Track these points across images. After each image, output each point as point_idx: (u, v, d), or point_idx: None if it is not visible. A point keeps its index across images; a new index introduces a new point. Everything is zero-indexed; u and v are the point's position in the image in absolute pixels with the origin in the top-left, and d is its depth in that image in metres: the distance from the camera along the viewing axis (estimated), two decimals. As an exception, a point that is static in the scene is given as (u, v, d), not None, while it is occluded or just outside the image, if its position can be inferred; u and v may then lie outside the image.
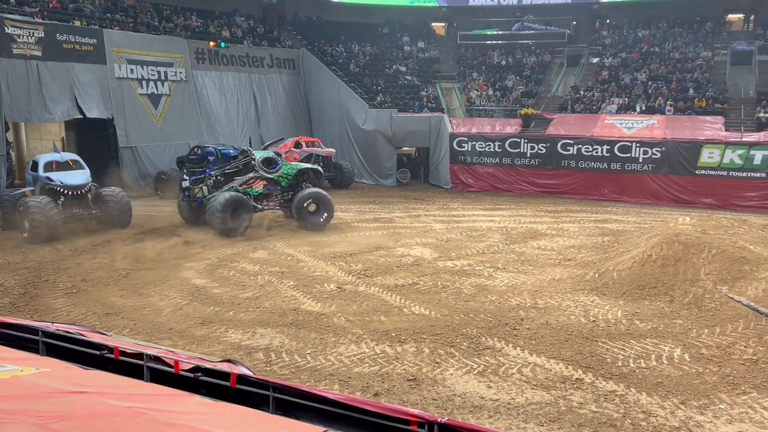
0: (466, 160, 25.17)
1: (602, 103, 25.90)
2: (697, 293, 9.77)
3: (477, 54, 32.77)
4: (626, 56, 29.09)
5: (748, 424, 6.15)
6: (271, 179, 16.35)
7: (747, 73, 26.28)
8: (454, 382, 7.08)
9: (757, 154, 20.35)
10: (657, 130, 22.78)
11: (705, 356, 7.79)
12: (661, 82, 26.50)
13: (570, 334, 8.55)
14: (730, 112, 23.83)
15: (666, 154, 21.63)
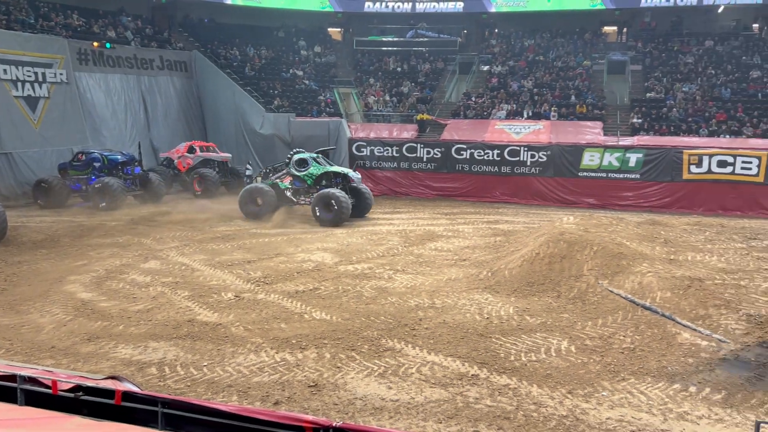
0: (365, 165, 25.38)
1: (492, 110, 27.00)
2: (581, 288, 10.39)
3: (373, 60, 33.17)
4: (514, 64, 30.51)
5: (627, 408, 6.62)
6: (297, 177, 18.68)
7: (622, 81, 28.36)
8: (356, 385, 7.11)
9: (632, 157, 21.97)
10: (543, 134, 24.04)
11: (589, 347, 8.30)
12: (545, 89, 28.02)
13: (466, 332, 8.83)
14: (608, 118, 25.59)
15: (551, 157, 22.86)
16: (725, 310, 8.63)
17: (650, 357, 7.88)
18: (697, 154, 21.34)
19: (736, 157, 21.07)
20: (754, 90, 25.82)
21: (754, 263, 11.05)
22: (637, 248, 11.47)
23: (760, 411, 6.63)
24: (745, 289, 9.31)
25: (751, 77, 26.54)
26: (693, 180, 21.39)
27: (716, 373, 7.36)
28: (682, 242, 12.66)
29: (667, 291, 9.41)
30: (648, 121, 24.66)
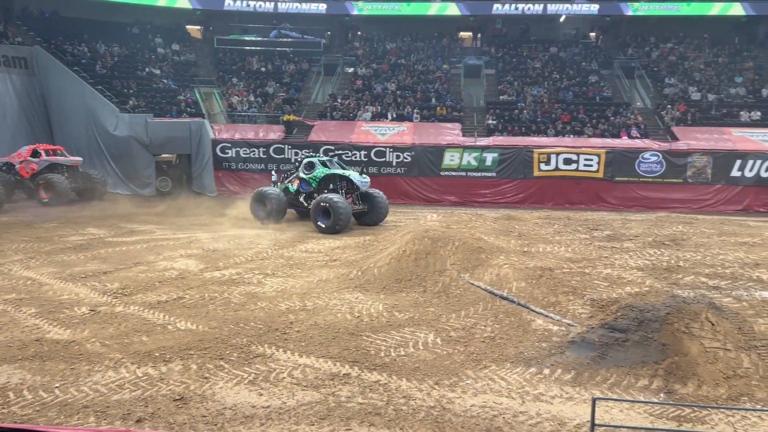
0: (231, 167, 24.75)
1: (358, 111, 27.39)
2: (445, 282, 10.83)
3: (236, 59, 32.39)
4: (377, 67, 31.16)
5: (489, 395, 7.01)
6: (304, 180, 18.47)
7: (477, 84, 29.96)
8: (225, 395, 6.91)
9: (488, 156, 23.29)
10: (407, 136, 24.80)
11: (453, 338, 8.68)
12: (408, 91, 28.90)
13: (337, 332, 8.89)
14: (466, 119, 26.92)
15: (415, 157, 23.65)
16: (572, 296, 9.40)
17: (509, 344, 8.39)
18: (545, 152, 23.05)
19: (579, 155, 23.02)
20: (593, 93, 28.35)
21: (596, 252, 12.14)
22: (494, 242, 12.17)
23: (604, 387, 7.30)
24: (589, 276, 10.20)
25: (590, 81, 29.11)
26: (543, 177, 23.09)
27: (566, 355, 7.99)
28: (534, 235, 13.62)
29: (521, 281, 10.07)
30: (502, 122, 26.24)
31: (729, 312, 8.37)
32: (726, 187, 22.95)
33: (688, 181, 23.01)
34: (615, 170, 23.01)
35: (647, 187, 22.98)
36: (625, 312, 8.48)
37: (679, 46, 31.89)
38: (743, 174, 22.81)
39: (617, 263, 11.06)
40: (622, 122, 25.95)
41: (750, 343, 7.87)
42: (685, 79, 29.22)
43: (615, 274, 10.20)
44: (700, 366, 7.46)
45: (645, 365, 7.60)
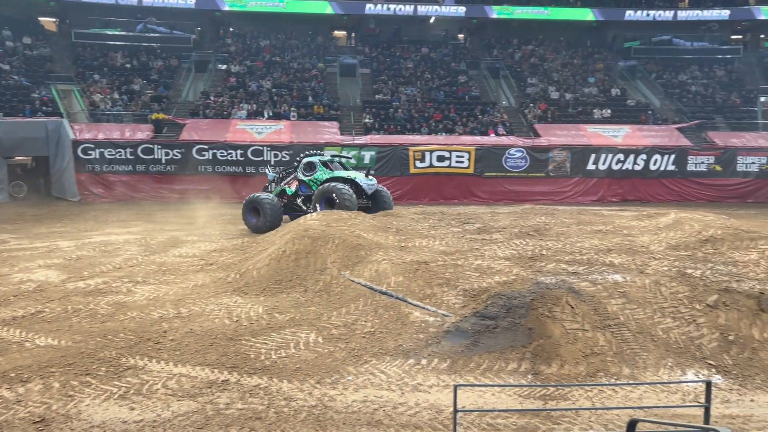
0: (95, 169, 23.24)
1: (232, 109, 26.71)
2: (326, 280, 10.87)
3: (97, 54, 30.40)
4: (251, 64, 30.54)
5: (370, 389, 7.13)
6: (303, 182, 17.14)
7: (353, 83, 30.24)
8: (92, 412, 6.49)
9: (366, 154, 23.63)
10: (284, 134, 24.55)
11: (335, 336, 8.73)
12: (284, 89, 28.60)
13: (215, 338, 8.64)
14: (343, 118, 27.11)
15: (294, 156, 23.47)
16: (447, 288, 9.78)
17: (388, 338, 8.58)
18: (420, 150, 23.77)
19: (451, 152, 23.97)
20: (462, 93, 29.58)
21: (467, 244, 12.69)
22: (373, 239, 12.37)
23: (477, 372, 7.68)
24: (461, 267, 10.65)
25: (459, 81, 30.36)
26: (418, 174, 23.80)
27: (442, 344, 8.31)
28: (411, 230, 13.99)
29: (399, 275, 10.33)
30: (378, 121, 26.70)
31: (586, 295, 9.08)
32: (583, 180, 24.89)
33: (550, 174, 24.69)
34: (484, 166, 24.18)
35: (513, 182, 24.39)
36: (495, 300, 8.96)
37: (539, 48, 34.08)
38: (597, 167, 24.84)
39: (487, 254, 11.64)
40: (490, 120, 27.31)
41: (604, 323, 8.61)
42: (545, 79, 31.29)
43: (485, 264, 10.73)
44: (563, 347, 8.05)
45: (514, 349, 8.08)
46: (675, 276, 9.88)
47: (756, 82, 31.69)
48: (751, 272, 10.20)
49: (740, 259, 10.96)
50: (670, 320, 8.81)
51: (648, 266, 10.58)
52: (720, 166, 25.01)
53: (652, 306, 9.02)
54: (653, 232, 13.47)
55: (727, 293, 9.10)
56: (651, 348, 8.28)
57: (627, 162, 24.77)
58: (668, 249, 12.01)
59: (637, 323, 8.70)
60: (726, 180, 25.10)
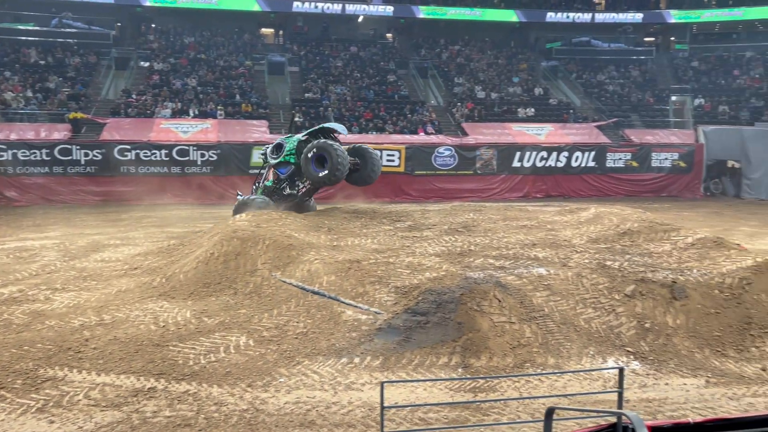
0: (8, 171, 22.01)
1: (156, 108, 25.89)
2: (257, 282, 10.71)
3: (8, 50, 28.75)
4: (175, 62, 29.68)
5: (302, 390, 7.10)
6: (280, 164, 14.92)
7: (282, 81, 29.92)
8: (8, 428, 6.16)
9: (296, 153, 23.40)
10: (211, 133, 24.01)
11: (266, 338, 8.63)
12: (210, 87, 27.95)
13: (140, 345, 8.36)
14: (272, 117, 26.78)
15: (222, 156, 23.01)
16: (379, 285, 9.84)
17: (321, 338, 8.56)
18: (351, 148, 23.77)
19: (382, 151, 24.09)
20: (391, 92, 29.80)
21: (399, 242, 12.81)
22: (305, 238, 12.29)
23: (409, 368, 7.78)
24: (393, 265, 10.74)
25: (389, 80, 30.58)
26: (349, 172, 23.78)
27: (375, 342, 8.37)
28: (343, 229, 13.98)
29: (332, 275, 10.31)
30: (308, 120, 26.54)
31: (513, 288, 9.36)
32: (509, 177, 25.59)
33: (478, 172, 25.25)
34: (414, 164, 24.47)
35: (443, 179, 24.80)
36: (426, 296, 9.09)
37: (465, 49, 34.76)
38: (522, 164, 25.60)
39: (418, 251, 11.79)
40: (419, 119, 27.65)
41: (530, 315, 8.90)
42: (471, 79, 31.95)
43: (416, 261, 10.86)
44: (491, 340, 8.27)
45: (444, 344, 8.23)
46: (595, 268, 10.32)
47: (667, 81, 33.48)
48: (664, 262, 10.79)
49: (655, 251, 11.57)
50: (592, 310, 9.20)
51: (570, 259, 11.00)
52: (636, 162, 26.28)
53: (574, 297, 9.39)
54: (575, 226, 14.01)
55: (643, 283, 9.59)
56: (574, 338, 8.62)
57: (550, 159, 25.64)
58: (589, 242, 12.53)
59: (560, 314, 9.04)
60: (642, 175, 26.40)
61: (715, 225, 18.24)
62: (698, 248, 11.42)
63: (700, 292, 9.32)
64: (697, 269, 10.17)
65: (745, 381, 7.79)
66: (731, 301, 9.23)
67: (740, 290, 9.35)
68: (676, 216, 19.21)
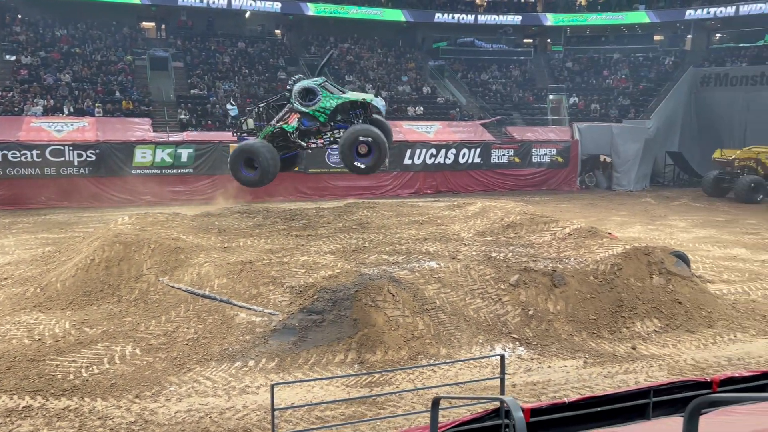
0: None
1: (25, 105, 23.97)
2: (143, 288, 10.23)
3: None
4: (46, 55, 27.62)
5: (194, 397, 6.87)
6: (305, 113, 13.07)
7: (166, 77, 28.65)
8: None
9: (183, 152, 22.56)
10: (89, 132, 22.57)
11: (155, 346, 8.27)
12: (86, 83, 26.26)
13: (13, 361, 7.74)
14: (156, 114, 25.58)
15: (101, 156, 21.70)
16: (273, 286, 9.71)
17: (213, 342, 8.33)
18: (241, 147, 23.20)
19: (273, 149, 23.69)
20: (281, 89, 29.42)
21: (293, 241, 12.70)
22: (194, 241, 11.89)
23: (305, 368, 7.75)
24: (287, 264, 10.64)
25: (279, 77, 30.17)
26: (240, 171, 23.22)
27: (270, 343, 8.26)
28: (235, 230, 13.65)
29: (223, 277, 10.05)
30: (195, 117, 25.63)
31: (406, 283, 9.57)
32: (401, 174, 26.05)
33: (371, 169, 25.53)
34: (308, 162, 24.27)
35: (337, 177, 24.81)
36: (321, 294, 9.09)
37: (355, 47, 34.95)
38: (413, 161, 26.15)
39: (312, 250, 11.76)
40: (311, 116, 27.49)
41: (423, 308, 9.14)
42: (361, 77, 32.18)
43: (311, 260, 10.83)
44: (386, 334, 8.41)
45: (341, 341, 8.28)
46: (482, 260, 10.77)
47: (545, 81, 35.43)
48: (545, 252, 11.45)
49: (536, 241, 12.26)
50: (480, 300, 9.60)
51: (459, 252, 11.41)
52: (518, 157, 27.63)
53: (463, 288, 9.75)
54: (463, 220, 14.54)
55: (527, 272, 10.13)
56: (464, 327, 8.96)
57: (439, 156, 26.38)
58: (476, 235, 13.06)
59: (451, 305, 9.36)
60: (523, 170, 27.79)
61: (589, 216, 19.59)
62: (575, 238, 12.23)
63: (577, 278, 9.98)
64: (574, 257, 10.88)
65: (617, 360, 8.45)
66: (605, 286, 9.96)
67: (612, 276, 10.11)
68: (555, 208, 20.43)
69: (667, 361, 8.39)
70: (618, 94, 32.92)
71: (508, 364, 8.24)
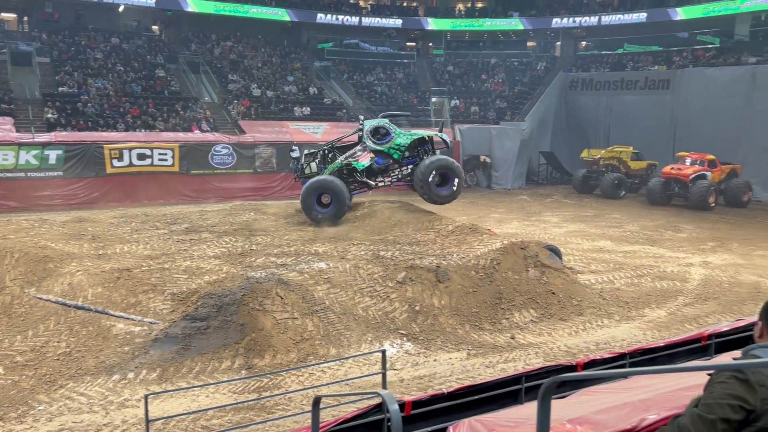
0: None
1: None
2: (6, 301, 9.41)
3: None
4: None
5: (67, 415, 6.43)
6: (380, 151, 14.27)
7: (29, 74, 26.52)
8: None
9: (51, 154, 20.99)
10: (-62, 132, 20.43)
11: (20, 363, 7.64)
12: (-65, 78, 23.75)
13: None
14: (19, 113, 23.63)
15: (-47, 158, 19.71)
16: (153, 294, 9.29)
17: (88, 356, 7.83)
18: (117, 148, 21.98)
19: (153, 150, 22.68)
20: (160, 87, 28.18)
21: (175, 246, 12.20)
22: (64, 248, 11.11)
23: (190, 377, 7.48)
24: (169, 271, 10.21)
25: (157, 75, 28.87)
26: (117, 174, 22.00)
27: (150, 354, 7.89)
28: (110, 236, 12.90)
29: (98, 286, 9.47)
30: (64, 116, 23.94)
31: (294, 284, 9.49)
32: (289, 175, 25.76)
33: (257, 170, 25.02)
34: (190, 163, 23.41)
35: (221, 178, 24.11)
36: (205, 300, 8.82)
37: (239, 45, 34.14)
38: (301, 162, 26.00)
39: (196, 254, 11.36)
40: (193, 116, 26.49)
41: (312, 309, 9.12)
42: (246, 76, 31.49)
43: (194, 265, 10.47)
44: (274, 337, 8.31)
45: (227, 347, 8.07)
46: (371, 259, 10.92)
47: (428, 84, 36.47)
48: (430, 249, 11.81)
49: (422, 239, 12.60)
50: (369, 299, 9.73)
51: (348, 252, 11.50)
52: (405, 158, 28.34)
53: (352, 288, 9.84)
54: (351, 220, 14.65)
55: (413, 269, 10.40)
56: (353, 326, 9.04)
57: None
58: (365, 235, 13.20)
59: (341, 305, 9.41)
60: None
61: (471, 213, 20.41)
62: (457, 235, 12.71)
63: (460, 274, 10.38)
64: (457, 254, 11.30)
65: (498, 350, 8.88)
66: (485, 280, 10.43)
67: (492, 270, 10.61)
68: (439, 207, 21.09)
69: (543, 348, 8.94)
70: (495, 97, 34.53)
71: (397, 359, 8.42)
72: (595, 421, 2.22)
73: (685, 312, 10.61)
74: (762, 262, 14.04)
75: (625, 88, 30.78)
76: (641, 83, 30.13)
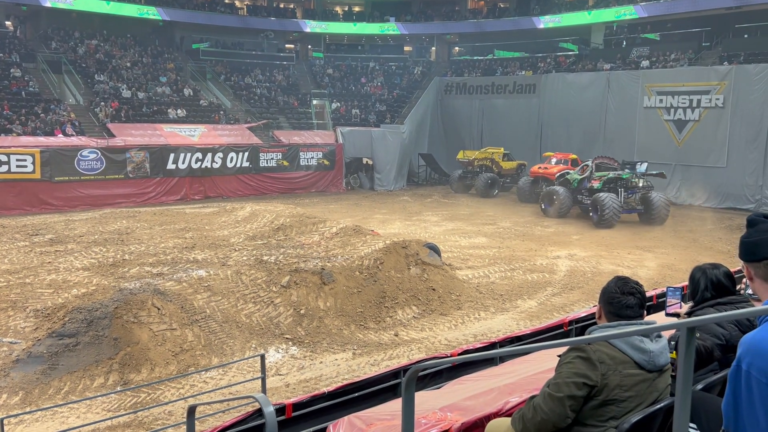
0: None
1: None
2: None
3: None
4: None
5: None
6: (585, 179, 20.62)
7: None
8: None
9: None
10: None
11: None
12: None
13: None
14: None
15: None
16: (13, 311, 8.56)
17: (-64, 384, 7.08)
18: (-34, 154, 20.01)
19: (10, 156, 20.92)
20: (17, 88, 26.01)
21: (38, 259, 11.32)
22: None
23: (58, 398, 6.99)
24: (31, 285, 9.46)
25: (13, 75, 26.62)
26: (-33, 182, 20.04)
27: (12, 376, 7.28)
28: (-39, 251, 11.73)
29: (-53, 307, 8.60)
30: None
31: (172, 294, 9.14)
32: (164, 179, 24.66)
33: (129, 176, 23.73)
34: (54, 170, 21.77)
35: (90, 185, 22.62)
36: (74, 315, 8.26)
37: (105, 44, 32.19)
38: (178, 166, 24.94)
39: (62, 267, 10.61)
40: (56, 119, 24.64)
41: (192, 319, 8.82)
42: (114, 77, 29.76)
43: (60, 278, 9.78)
44: (152, 350, 7.96)
45: (100, 364, 7.62)
46: (254, 264, 10.74)
47: (308, 86, 36.35)
48: (314, 252, 11.81)
49: (306, 242, 12.58)
50: (252, 305, 9.57)
51: (230, 258, 11.24)
52: (287, 161, 27.97)
53: (235, 295, 9.64)
54: (233, 225, 14.34)
55: (297, 273, 10.36)
56: (236, 334, 8.86)
57: (206, 160, 25.52)
58: (247, 240, 12.97)
59: (222, 313, 9.18)
60: (292, 173, 28.19)
61: (355, 215, 20.64)
62: (341, 236, 12.82)
63: (345, 275, 10.48)
64: (341, 255, 11.40)
65: (383, 347, 9.07)
66: (369, 280, 10.60)
67: (375, 269, 10.81)
68: (323, 209, 21.12)
69: (425, 343, 9.24)
70: (375, 100, 35.15)
71: (282, 364, 8.36)
72: (464, 407, 2.37)
73: (554, 301, 11.39)
74: (621, 252, 15.38)
75: (495, 92, 32.43)
76: (510, 87, 31.90)
